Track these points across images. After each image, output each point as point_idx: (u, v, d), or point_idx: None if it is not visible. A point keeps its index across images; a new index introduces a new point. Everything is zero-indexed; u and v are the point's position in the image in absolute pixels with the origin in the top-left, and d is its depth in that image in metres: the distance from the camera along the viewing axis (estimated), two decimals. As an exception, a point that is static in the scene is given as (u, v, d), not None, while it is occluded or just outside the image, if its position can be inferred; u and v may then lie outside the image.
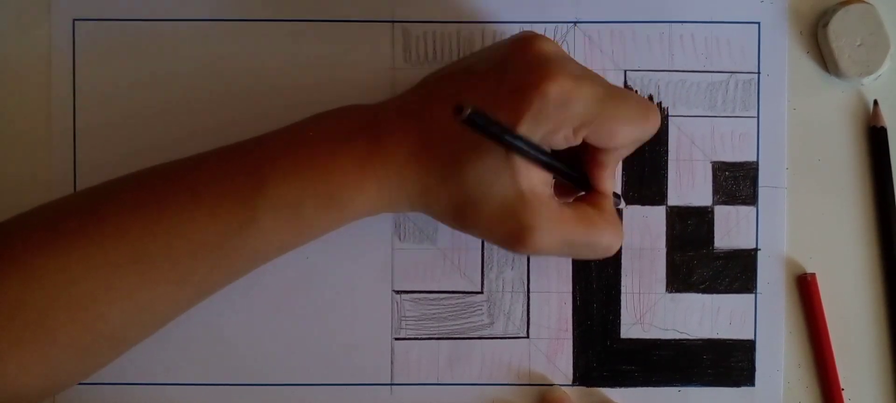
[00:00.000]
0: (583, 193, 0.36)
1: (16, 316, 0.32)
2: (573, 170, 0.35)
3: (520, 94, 0.32)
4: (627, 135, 0.33)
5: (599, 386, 0.41)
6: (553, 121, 0.32)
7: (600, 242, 0.34)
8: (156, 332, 0.36)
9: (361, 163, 0.34)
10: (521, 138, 0.30)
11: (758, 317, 0.41)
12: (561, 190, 0.35)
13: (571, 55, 0.41)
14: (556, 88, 0.31)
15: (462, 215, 0.34)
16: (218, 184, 0.34)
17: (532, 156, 0.31)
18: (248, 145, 0.35)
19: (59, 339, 0.33)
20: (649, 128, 0.34)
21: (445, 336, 0.41)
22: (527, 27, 0.41)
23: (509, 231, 0.33)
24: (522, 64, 0.33)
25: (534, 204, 0.32)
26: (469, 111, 0.26)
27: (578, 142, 0.33)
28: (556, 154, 0.33)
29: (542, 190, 0.33)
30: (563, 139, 0.33)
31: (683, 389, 0.41)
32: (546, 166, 0.32)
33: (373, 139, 0.34)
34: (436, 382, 0.41)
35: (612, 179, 0.36)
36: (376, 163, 0.34)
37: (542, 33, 0.40)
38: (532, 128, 0.32)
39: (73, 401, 0.40)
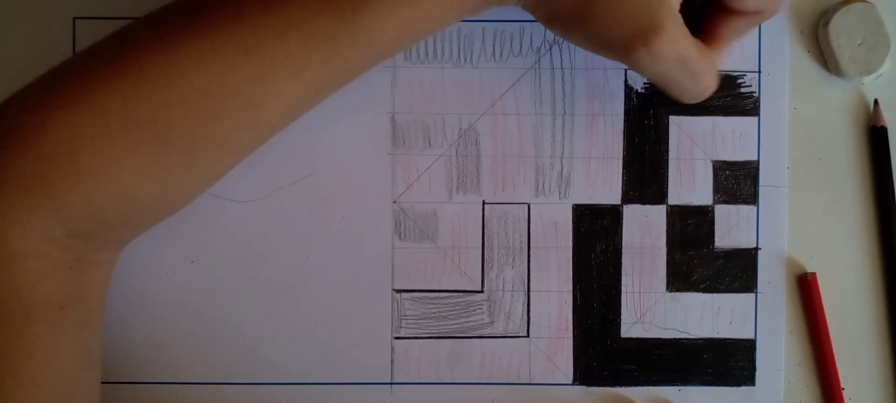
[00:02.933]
0: None
1: (129, 116, 0.31)
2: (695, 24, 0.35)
3: None
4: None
5: (600, 386, 0.41)
6: None
7: (704, 77, 0.35)
8: (270, 138, 0.35)
9: None
10: None
11: (758, 317, 0.41)
12: None
13: (571, 54, 0.41)
14: None
15: (588, 2, 0.33)
16: None
17: None
18: None
19: (172, 140, 0.32)
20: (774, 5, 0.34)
21: (445, 335, 0.41)
22: (528, 26, 0.41)
23: (639, 27, 0.32)
24: None
25: (668, 7, 0.32)
26: None
27: None
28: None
29: (675, 2, 0.33)
30: None
31: (684, 388, 0.41)
32: None
33: None
34: (436, 381, 0.41)
35: (724, 53, 0.36)
36: None
37: (542, 32, 0.41)
38: None
39: (73, 400, 0.40)
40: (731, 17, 0.35)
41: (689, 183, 0.41)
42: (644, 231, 0.41)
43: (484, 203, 0.41)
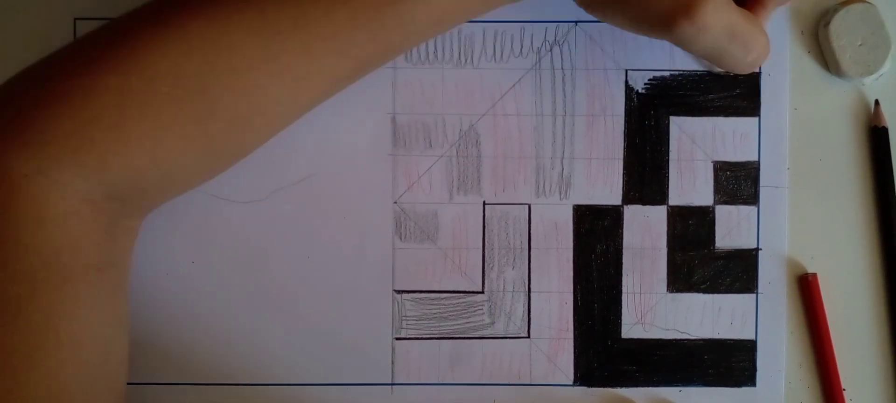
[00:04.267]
0: None
1: (177, 84, 0.31)
2: None
3: None
4: None
5: (600, 386, 0.41)
6: None
7: (755, 45, 0.34)
8: (307, 112, 0.36)
9: None
10: None
11: (759, 317, 0.41)
12: None
13: (572, 55, 0.41)
14: None
15: None
16: None
17: None
18: None
19: (217, 109, 0.32)
20: None
21: (446, 335, 0.41)
22: (528, 26, 0.40)
23: (680, 0, 0.32)
24: None
25: None
26: None
27: None
28: None
29: None
30: None
31: (684, 389, 0.41)
32: None
33: None
34: (436, 382, 0.41)
35: (769, 16, 0.35)
36: None
37: (542, 33, 0.41)
38: None
39: (73, 401, 0.40)
40: None
41: (690, 183, 0.41)
42: (645, 231, 0.41)
43: (484, 203, 0.41)
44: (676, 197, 0.41)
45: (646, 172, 0.41)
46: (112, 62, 0.31)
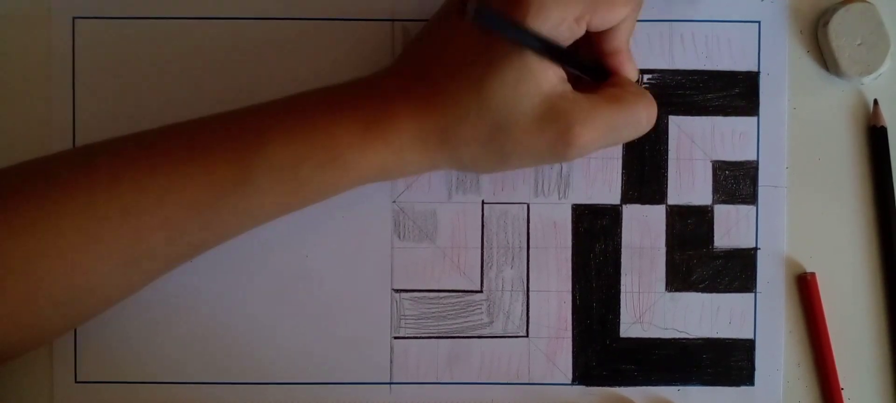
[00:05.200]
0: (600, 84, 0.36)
1: (2, 263, 0.32)
2: (586, 61, 0.35)
3: None
4: (625, 7, 0.33)
5: (599, 386, 0.41)
6: (556, 11, 0.32)
7: (640, 116, 0.34)
8: (145, 286, 0.36)
9: (367, 124, 0.34)
10: (531, 31, 0.31)
11: (757, 317, 0.41)
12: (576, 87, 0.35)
13: (571, 54, 0.41)
14: None
15: (496, 143, 0.33)
16: (215, 144, 0.33)
17: (546, 49, 0.32)
18: (248, 109, 0.35)
19: (43, 289, 0.33)
20: None
21: (445, 334, 0.41)
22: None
23: (552, 138, 0.33)
24: None
25: (564, 102, 0.33)
26: (475, 8, 0.27)
27: (582, 31, 0.33)
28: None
29: (565, 87, 0.33)
30: (567, 31, 0.32)
31: (683, 388, 0.41)
32: (562, 58, 0.33)
33: (378, 102, 0.34)
34: (435, 381, 0.41)
35: (630, 61, 0.36)
36: (384, 125, 0.34)
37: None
38: (538, 23, 0.31)
39: (73, 399, 0.40)
40: (607, 34, 0.35)
41: (689, 183, 0.41)
42: (643, 231, 0.41)
43: (483, 202, 0.41)
44: (675, 196, 0.41)
45: (645, 171, 0.41)
46: None
